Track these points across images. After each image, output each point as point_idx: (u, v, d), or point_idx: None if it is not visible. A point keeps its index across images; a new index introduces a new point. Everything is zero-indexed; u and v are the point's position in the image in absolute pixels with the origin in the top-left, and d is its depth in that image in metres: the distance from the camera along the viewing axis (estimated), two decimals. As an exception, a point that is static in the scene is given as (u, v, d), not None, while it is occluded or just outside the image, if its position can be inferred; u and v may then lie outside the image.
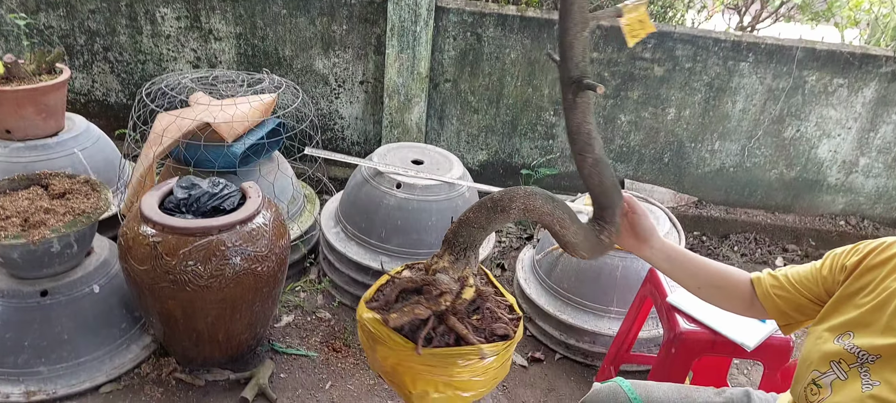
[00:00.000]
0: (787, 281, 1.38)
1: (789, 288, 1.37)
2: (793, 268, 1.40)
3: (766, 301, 1.40)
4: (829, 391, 1.21)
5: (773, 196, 3.78)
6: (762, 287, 1.41)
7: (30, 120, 2.77)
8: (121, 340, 2.39)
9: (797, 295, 1.36)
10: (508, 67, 3.49)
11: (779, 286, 1.39)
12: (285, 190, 2.89)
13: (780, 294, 1.38)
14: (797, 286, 1.36)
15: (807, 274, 1.36)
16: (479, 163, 3.79)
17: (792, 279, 1.37)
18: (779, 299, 1.38)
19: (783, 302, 1.38)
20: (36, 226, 2.12)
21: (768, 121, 3.55)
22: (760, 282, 1.42)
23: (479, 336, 1.42)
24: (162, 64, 3.67)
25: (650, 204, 2.84)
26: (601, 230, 1.46)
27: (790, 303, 1.37)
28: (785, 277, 1.39)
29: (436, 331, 1.40)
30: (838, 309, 1.26)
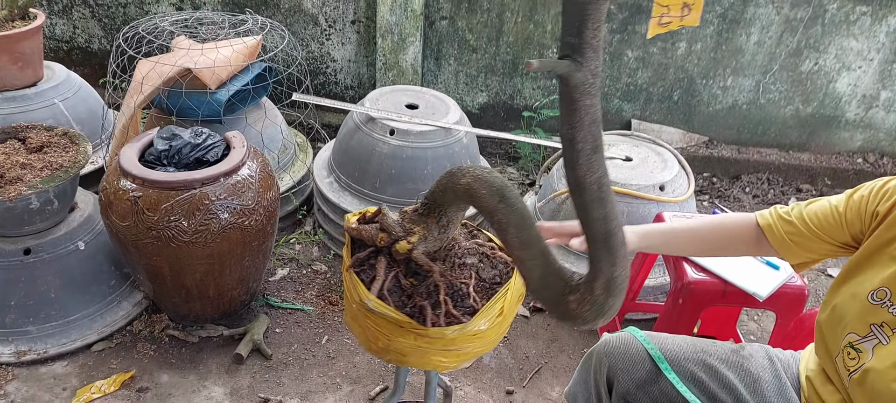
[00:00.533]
0: (803, 223, 1.27)
1: (805, 231, 1.27)
2: (807, 207, 1.29)
3: (779, 245, 1.31)
4: (870, 355, 1.11)
5: (788, 134, 3.63)
6: (773, 231, 1.31)
7: (5, 69, 2.64)
8: (111, 297, 2.32)
9: (815, 239, 1.26)
10: (508, 2, 3.30)
11: (793, 229, 1.29)
12: (275, 138, 2.77)
13: (794, 237, 1.28)
14: (815, 228, 1.26)
15: (826, 215, 1.25)
16: (478, 105, 3.64)
17: (809, 220, 1.27)
18: (793, 243, 1.29)
19: (799, 245, 1.29)
20: (12, 182, 2.03)
21: (785, 54, 3.37)
22: (770, 227, 1.32)
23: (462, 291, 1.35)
24: (144, 7, 3.50)
25: (657, 146, 2.71)
26: (571, 291, 1.09)
27: (806, 246, 1.28)
28: (800, 218, 1.28)
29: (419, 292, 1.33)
30: (873, 261, 1.15)
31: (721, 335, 2.51)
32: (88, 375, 2.10)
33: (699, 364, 1.38)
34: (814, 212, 1.27)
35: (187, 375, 2.14)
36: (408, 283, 1.35)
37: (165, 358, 2.19)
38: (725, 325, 2.48)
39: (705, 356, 1.40)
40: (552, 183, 2.68)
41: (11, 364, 2.10)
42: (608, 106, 3.58)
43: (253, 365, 2.20)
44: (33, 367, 2.11)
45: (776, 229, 1.30)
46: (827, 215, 1.25)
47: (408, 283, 1.35)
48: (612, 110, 3.59)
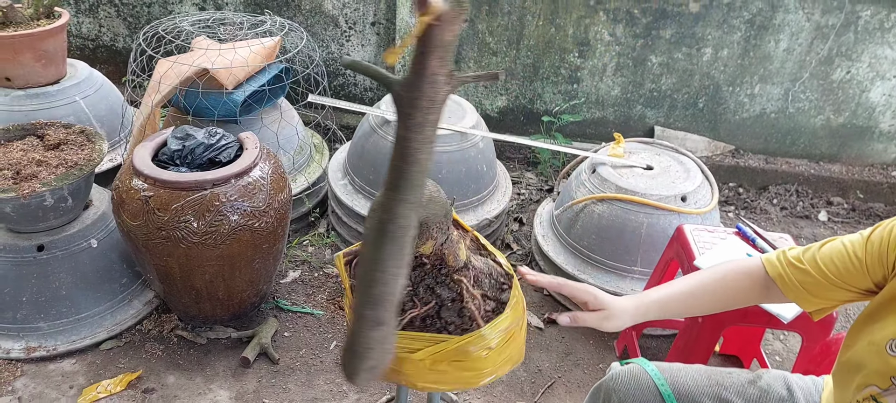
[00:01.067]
0: (818, 271, 1.16)
1: (821, 279, 1.15)
2: (820, 251, 1.17)
3: (794, 295, 1.20)
4: None
5: (818, 144, 3.51)
6: (785, 280, 1.20)
7: (29, 67, 2.67)
8: (122, 295, 2.32)
9: (832, 287, 1.15)
10: (529, 5, 3.25)
11: (808, 279, 1.17)
12: (291, 139, 2.76)
13: (810, 286, 1.17)
14: (832, 276, 1.14)
15: (844, 261, 1.13)
16: (498, 109, 3.59)
17: (824, 267, 1.15)
18: (808, 292, 1.18)
19: (815, 294, 1.18)
20: (28, 179, 2.04)
21: (815, 61, 3.26)
22: (782, 277, 1.20)
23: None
24: (167, 7, 3.52)
25: (680, 155, 2.63)
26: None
27: (823, 295, 1.17)
28: (814, 264, 1.16)
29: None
30: (891, 308, 1.07)
31: (744, 354, 2.43)
32: (96, 374, 2.10)
33: (714, 398, 1.31)
34: (830, 258, 1.15)
35: (194, 377, 2.13)
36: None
37: (173, 359, 2.19)
38: (749, 344, 2.40)
39: (720, 389, 1.32)
40: (570, 190, 2.62)
41: (21, 361, 2.11)
42: (630, 112, 3.50)
43: (260, 369, 2.18)
44: (42, 364, 2.12)
45: (788, 278, 1.19)
46: (845, 261, 1.13)
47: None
48: (635, 116, 3.51)
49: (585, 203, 2.50)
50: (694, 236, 2.08)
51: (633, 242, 2.40)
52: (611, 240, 2.43)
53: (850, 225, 3.37)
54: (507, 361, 1.38)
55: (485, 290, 1.40)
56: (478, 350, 1.28)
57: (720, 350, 2.46)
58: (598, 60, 3.36)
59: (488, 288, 1.41)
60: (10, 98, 2.66)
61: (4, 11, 2.62)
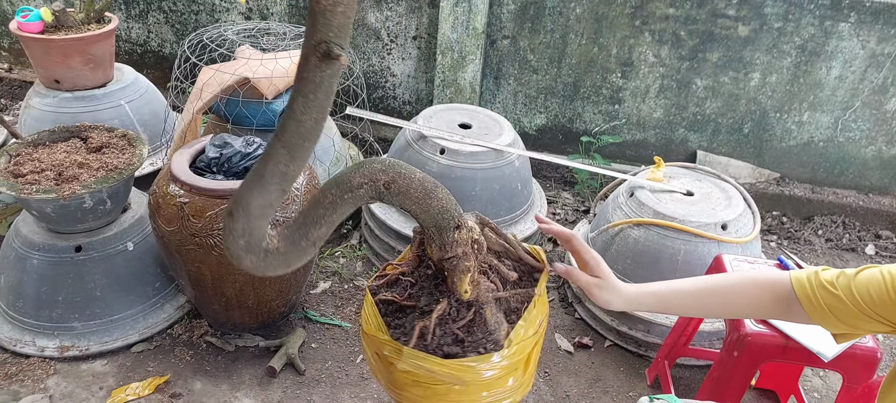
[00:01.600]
0: (852, 299, 1.09)
1: (853, 307, 1.09)
2: (856, 279, 1.10)
3: (818, 316, 1.13)
4: None
5: (868, 175, 3.37)
6: (812, 301, 1.13)
7: (77, 70, 2.75)
8: (155, 299, 2.35)
9: (863, 317, 1.09)
10: (573, 23, 3.21)
11: (839, 304, 1.10)
12: (327, 151, 2.77)
13: (839, 312, 1.11)
14: (866, 306, 1.08)
15: (881, 293, 1.06)
16: (536, 127, 3.55)
17: (859, 296, 1.08)
18: (835, 316, 1.12)
19: (842, 320, 1.12)
20: (69, 181, 2.09)
21: (868, 90, 3.14)
22: (809, 297, 1.13)
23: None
24: (214, 15, 3.59)
25: (722, 181, 2.56)
26: None
27: (851, 322, 1.11)
28: (848, 292, 1.10)
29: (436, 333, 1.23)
30: None
31: (781, 390, 2.34)
32: (125, 376, 2.13)
33: None
34: (866, 288, 1.08)
35: (220, 384, 2.14)
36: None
37: (201, 365, 2.20)
38: (787, 380, 2.30)
39: None
40: (607, 213, 2.56)
41: (54, 359, 2.15)
42: (673, 136, 3.42)
43: (285, 380, 2.18)
44: (74, 363, 2.16)
45: (816, 301, 1.12)
46: (882, 293, 1.06)
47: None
48: (677, 140, 3.43)
49: (622, 226, 2.44)
50: (733, 267, 2.01)
51: (669, 269, 2.33)
52: (646, 266, 2.37)
53: (901, 261, 3.23)
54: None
55: (489, 328, 1.31)
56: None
57: (756, 384, 2.37)
58: (641, 81, 3.30)
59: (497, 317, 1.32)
60: (57, 100, 2.73)
61: (57, 15, 2.71)
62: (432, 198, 1.14)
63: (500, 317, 1.24)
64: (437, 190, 1.16)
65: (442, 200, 1.16)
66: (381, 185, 1.11)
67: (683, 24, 3.11)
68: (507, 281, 1.27)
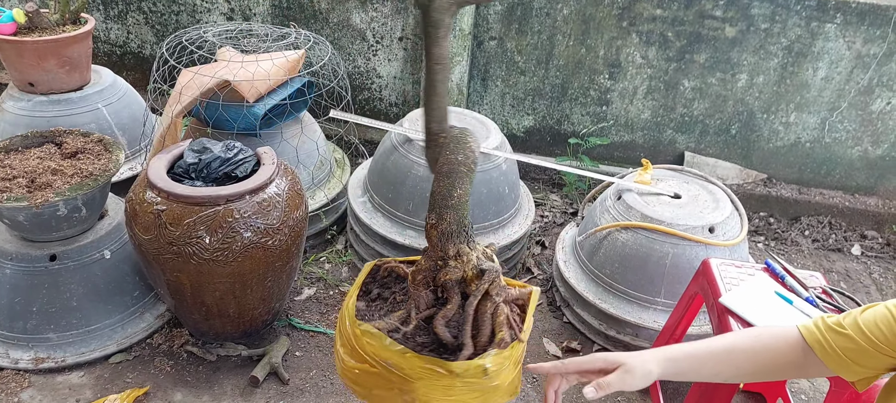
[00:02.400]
0: (862, 336, 1.07)
1: (865, 344, 1.06)
2: (862, 315, 1.09)
3: (834, 363, 1.10)
4: None
5: (854, 176, 3.38)
6: (824, 347, 1.11)
7: (53, 73, 2.67)
8: (133, 308, 2.30)
9: (878, 354, 1.06)
10: (560, 24, 3.19)
11: (851, 345, 1.08)
12: (311, 154, 2.72)
13: (852, 353, 1.08)
14: (878, 341, 1.05)
15: (889, 324, 1.04)
16: (524, 128, 3.52)
17: (868, 332, 1.06)
18: (851, 360, 1.08)
19: (858, 362, 1.08)
20: (42, 188, 2.03)
21: (854, 91, 3.14)
22: (820, 344, 1.11)
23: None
24: (195, 15, 3.53)
25: (709, 183, 2.54)
26: None
27: (867, 363, 1.07)
28: (856, 329, 1.07)
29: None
30: None
31: (769, 392, 2.33)
32: (103, 388, 2.07)
33: None
34: (874, 323, 1.06)
35: (201, 395, 2.08)
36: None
37: (181, 376, 2.15)
38: (774, 384, 2.29)
39: None
40: (595, 216, 2.53)
41: (29, 371, 2.09)
42: (660, 137, 3.40)
43: (268, 390, 2.13)
44: (50, 375, 2.10)
45: (827, 344, 1.10)
46: (890, 325, 1.04)
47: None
48: (665, 141, 3.41)
49: (609, 230, 2.41)
50: (720, 271, 1.99)
51: (657, 273, 2.31)
52: (634, 270, 2.35)
53: (884, 261, 3.23)
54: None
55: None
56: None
57: (744, 387, 2.36)
58: (628, 83, 3.28)
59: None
60: (32, 104, 2.66)
61: (30, 16, 2.63)
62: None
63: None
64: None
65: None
66: None
67: (671, 25, 3.09)
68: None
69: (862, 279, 3.09)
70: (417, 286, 1.24)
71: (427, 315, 1.25)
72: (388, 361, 1.18)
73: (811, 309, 1.81)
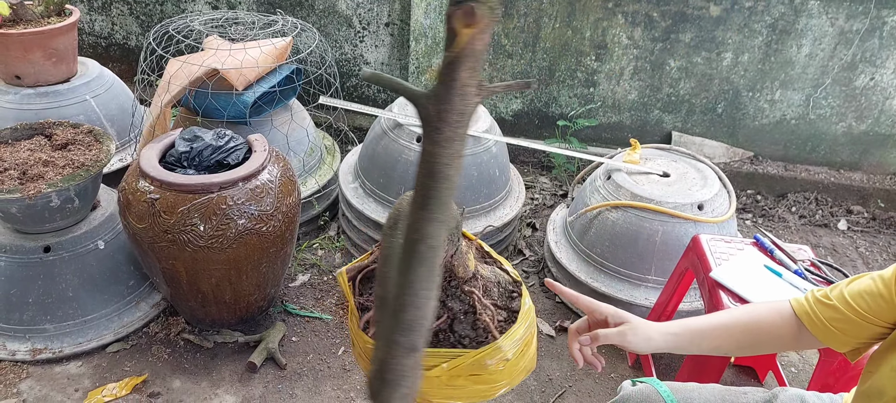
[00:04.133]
0: (847, 306, 1.10)
1: (851, 314, 1.10)
2: (849, 287, 1.13)
3: (822, 334, 1.14)
4: None
5: (839, 151, 3.43)
6: (813, 318, 1.15)
7: (39, 65, 2.66)
8: (129, 297, 2.30)
9: (863, 323, 1.09)
10: (546, 7, 3.20)
11: (837, 315, 1.12)
12: (301, 142, 2.73)
13: (839, 323, 1.12)
14: (862, 311, 1.09)
15: (873, 295, 1.08)
16: (512, 112, 3.54)
17: (853, 302, 1.10)
18: (838, 330, 1.12)
19: (845, 333, 1.12)
20: (34, 180, 2.02)
21: (838, 67, 3.18)
22: (809, 315, 1.15)
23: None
24: (180, 5, 3.51)
25: (697, 161, 2.57)
26: None
27: (854, 333, 1.11)
28: (842, 300, 1.11)
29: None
30: None
31: (759, 365, 2.37)
32: (101, 377, 2.08)
33: None
34: (858, 293, 1.10)
35: (200, 381, 2.10)
36: None
37: (179, 363, 2.16)
38: (765, 356, 2.33)
39: None
40: (584, 197, 2.56)
41: (26, 362, 2.10)
42: (647, 117, 3.44)
43: (266, 374, 2.15)
44: (48, 366, 2.10)
45: (816, 316, 1.14)
46: (874, 295, 1.08)
47: None
48: (652, 121, 3.45)
49: (599, 209, 2.44)
50: (710, 247, 2.02)
51: (647, 250, 2.35)
52: (625, 248, 2.38)
53: (870, 235, 3.29)
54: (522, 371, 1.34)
55: (495, 299, 1.36)
56: (495, 362, 1.24)
57: (735, 361, 2.40)
58: (615, 64, 3.30)
59: (498, 297, 1.37)
60: (19, 96, 2.65)
61: (14, 8, 2.61)
62: None
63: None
64: None
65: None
66: None
67: (656, 5, 3.11)
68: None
69: (848, 253, 3.14)
70: None
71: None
72: None
73: (800, 281, 1.85)
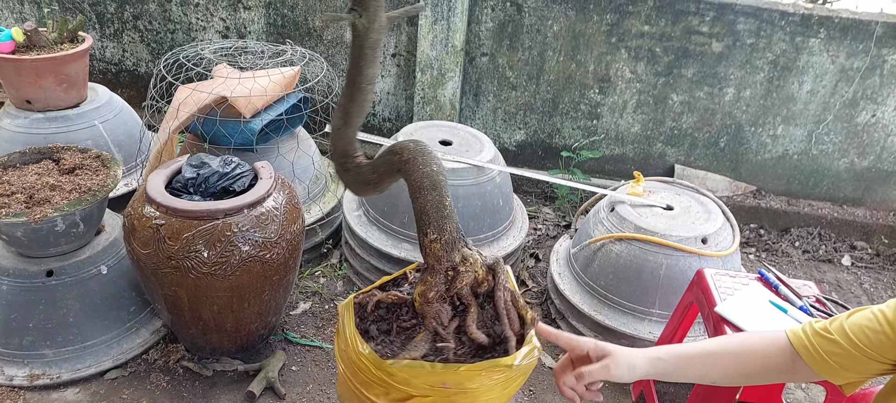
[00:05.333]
0: (848, 340, 1.07)
1: (852, 349, 1.07)
2: (849, 320, 1.10)
3: (820, 367, 1.11)
4: None
5: (842, 187, 3.43)
6: (811, 352, 1.11)
7: (50, 90, 2.69)
8: (130, 324, 2.29)
9: (864, 359, 1.07)
10: (550, 41, 3.24)
11: (837, 349, 1.09)
12: (307, 169, 2.74)
13: (839, 358, 1.09)
14: (863, 347, 1.06)
15: (875, 330, 1.05)
16: (516, 143, 3.56)
17: (854, 336, 1.07)
18: (837, 364, 1.09)
19: (845, 367, 1.09)
20: (40, 204, 2.03)
21: (839, 104, 3.20)
22: (807, 348, 1.12)
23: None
24: (191, 33, 3.56)
25: (700, 195, 2.58)
26: None
27: (854, 368, 1.08)
28: (842, 333, 1.08)
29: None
30: None
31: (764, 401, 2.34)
32: (99, 404, 2.07)
33: None
34: (859, 327, 1.07)
35: (199, 410, 2.08)
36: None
37: (177, 391, 2.14)
38: (770, 393, 2.30)
39: None
40: (588, 228, 2.56)
41: (24, 388, 2.08)
42: (651, 150, 3.45)
43: (266, 404, 2.13)
44: (45, 392, 2.09)
45: (814, 349, 1.11)
46: (876, 331, 1.05)
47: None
48: (655, 154, 3.46)
49: (603, 242, 2.44)
50: (715, 281, 2.02)
51: (651, 284, 2.34)
52: (628, 281, 2.37)
53: (874, 271, 3.28)
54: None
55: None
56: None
57: (740, 397, 2.37)
58: (618, 97, 3.33)
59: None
60: (29, 121, 2.67)
61: (28, 35, 2.65)
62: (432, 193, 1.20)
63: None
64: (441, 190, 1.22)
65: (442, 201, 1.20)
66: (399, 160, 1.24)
67: (658, 40, 3.15)
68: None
69: (853, 289, 3.13)
70: (431, 302, 1.24)
71: (457, 325, 1.26)
72: (444, 383, 1.18)
73: (805, 317, 1.84)
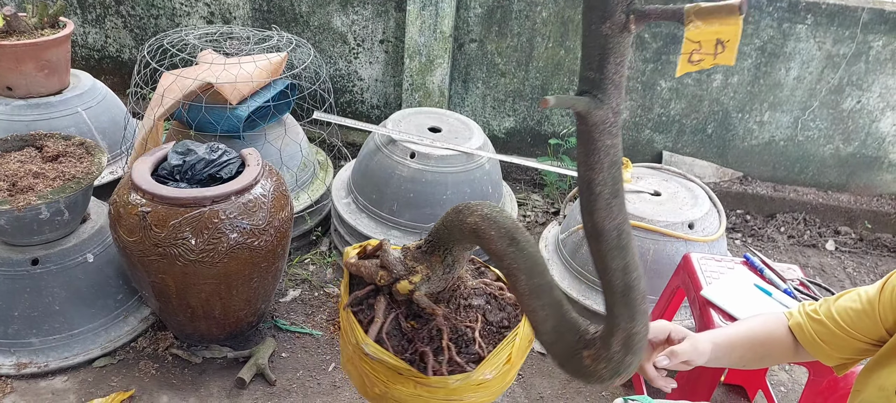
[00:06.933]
0: (833, 321, 1.15)
1: (836, 329, 1.15)
2: (836, 302, 1.17)
3: (811, 346, 1.18)
4: None
5: (827, 173, 3.47)
6: (803, 330, 1.19)
7: (31, 76, 2.64)
8: (117, 312, 2.28)
9: (848, 338, 1.13)
10: (539, 27, 3.23)
11: (823, 329, 1.16)
12: (294, 156, 2.72)
13: (825, 337, 1.16)
14: (846, 326, 1.13)
15: (857, 311, 1.12)
16: (505, 130, 3.56)
17: (839, 317, 1.14)
18: (824, 343, 1.16)
19: (831, 345, 1.16)
20: (24, 191, 2.00)
21: (825, 90, 3.22)
22: (800, 327, 1.20)
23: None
24: (175, 19, 3.51)
25: (688, 181, 2.59)
26: (586, 346, 0.98)
27: (839, 346, 1.15)
28: (829, 315, 1.16)
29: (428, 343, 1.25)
30: None
31: (749, 384, 2.38)
32: (87, 392, 2.05)
33: None
34: (844, 308, 1.14)
35: (187, 397, 2.08)
36: (408, 326, 1.27)
37: (167, 379, 2.14)
38: (754, 375, 2.34)
39: None
40: (576, 215, 2.57)
41: (11, 377, 2.07)
42: (639, 136, 3.46)
43: (255, 391, 2.13)
44: (33, 380, 2.07)
45: (806, 329, 1.18)
46: (858, 311, 1.12)
47: (408, 326, 1.27)
48: (643, 141, 3.47)
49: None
50: (701, 265, 2.03)
51: (639, 270, 2.35)
52: (617, 267, 2.38)
53: (857, 256, 3.32)
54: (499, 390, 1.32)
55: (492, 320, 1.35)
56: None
57: (725, 380, 2.40)
58: (605, 83, 3.32)
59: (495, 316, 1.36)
60: (10, 108, 2.63)
61: (8, 20, 2.61)
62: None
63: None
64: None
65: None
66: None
67: (647, 26, 3.15)
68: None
69: (836, 273, 3.17)
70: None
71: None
72: None
73: (790, 300, 1.87)
